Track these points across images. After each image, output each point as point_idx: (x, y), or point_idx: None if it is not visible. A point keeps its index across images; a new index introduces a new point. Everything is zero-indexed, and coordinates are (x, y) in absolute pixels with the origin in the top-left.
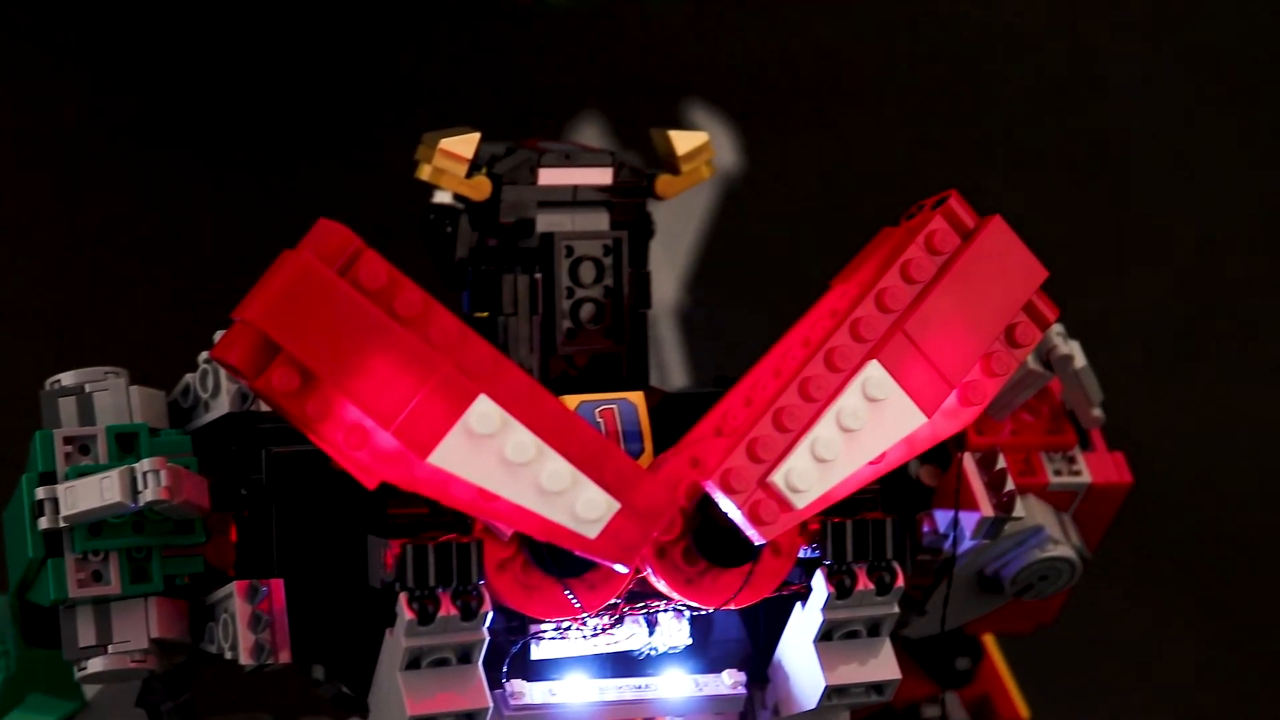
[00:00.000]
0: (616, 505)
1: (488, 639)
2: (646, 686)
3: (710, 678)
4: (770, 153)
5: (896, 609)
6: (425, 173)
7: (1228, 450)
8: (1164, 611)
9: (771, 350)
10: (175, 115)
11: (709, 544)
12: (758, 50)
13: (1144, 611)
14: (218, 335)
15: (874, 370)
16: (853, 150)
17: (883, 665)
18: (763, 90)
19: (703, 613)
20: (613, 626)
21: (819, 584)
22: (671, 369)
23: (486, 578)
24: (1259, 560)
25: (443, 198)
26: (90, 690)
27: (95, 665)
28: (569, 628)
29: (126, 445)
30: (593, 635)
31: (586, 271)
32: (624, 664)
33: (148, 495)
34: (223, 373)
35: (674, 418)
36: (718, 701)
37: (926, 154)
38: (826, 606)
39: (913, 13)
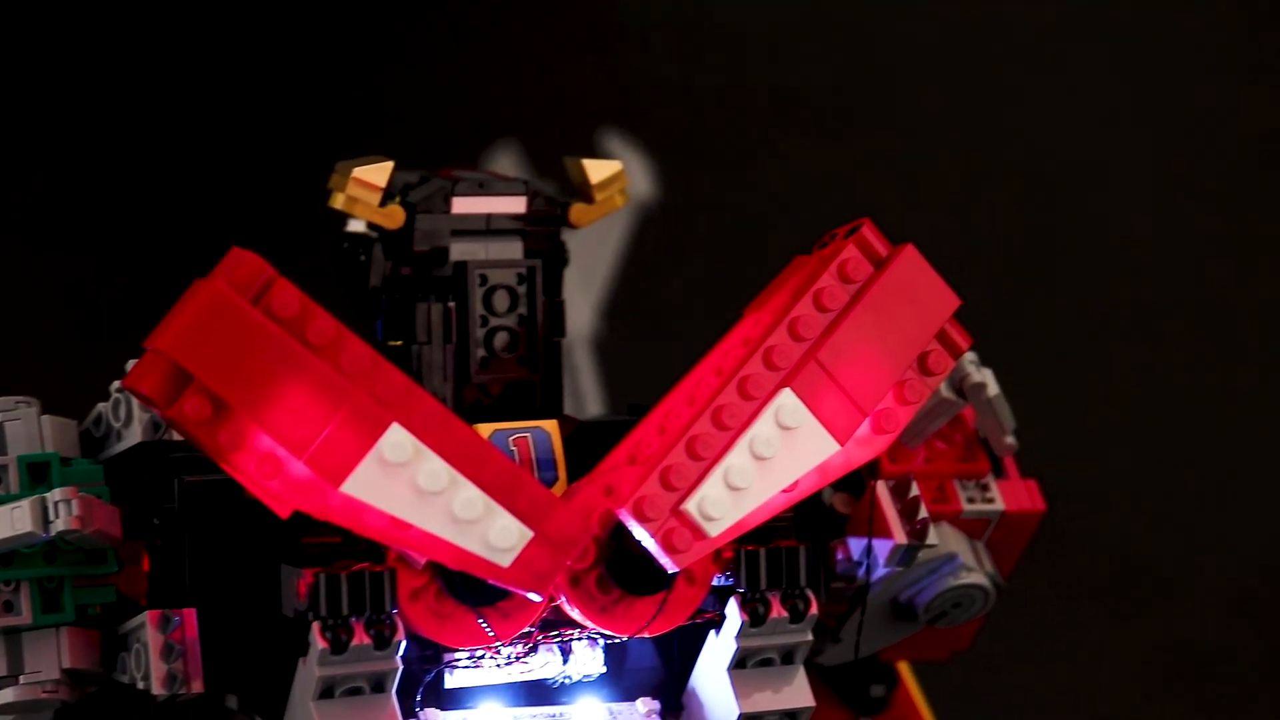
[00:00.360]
0: (529, 534)
1: (401, 668)
2: (561, 715)
3: (624, 706)
4: (685, 181)
5: (810, 636)
6: (338, 201)
7: (1140, 476)
8: (1078, 638)
9: (685, 378)
10: (85, 140)
11: (623, 572)
12: (673, 80)
13: (1058, 638)
14: (130, 364)
15: (787, 398)
16: (766, 178)
17: (797, 693)
18: (678, 119)
19: (617, 641)
20: (527, 655)
21: (733, 612)
22: (587, 397)
23: (400, 606)
24: (1173, 585)
25: (356, 226)
26: None
27: (6, 696)
28: (483, 656)
29: (38, 475)
30: (507, 664)
31: (500, 300)
32: (538, 692)
33: (59, 525)
34: (135, 402)
35: (588, 446)
36: None
37: (840, 182)
38: (740, 634)
39: (827, 43)
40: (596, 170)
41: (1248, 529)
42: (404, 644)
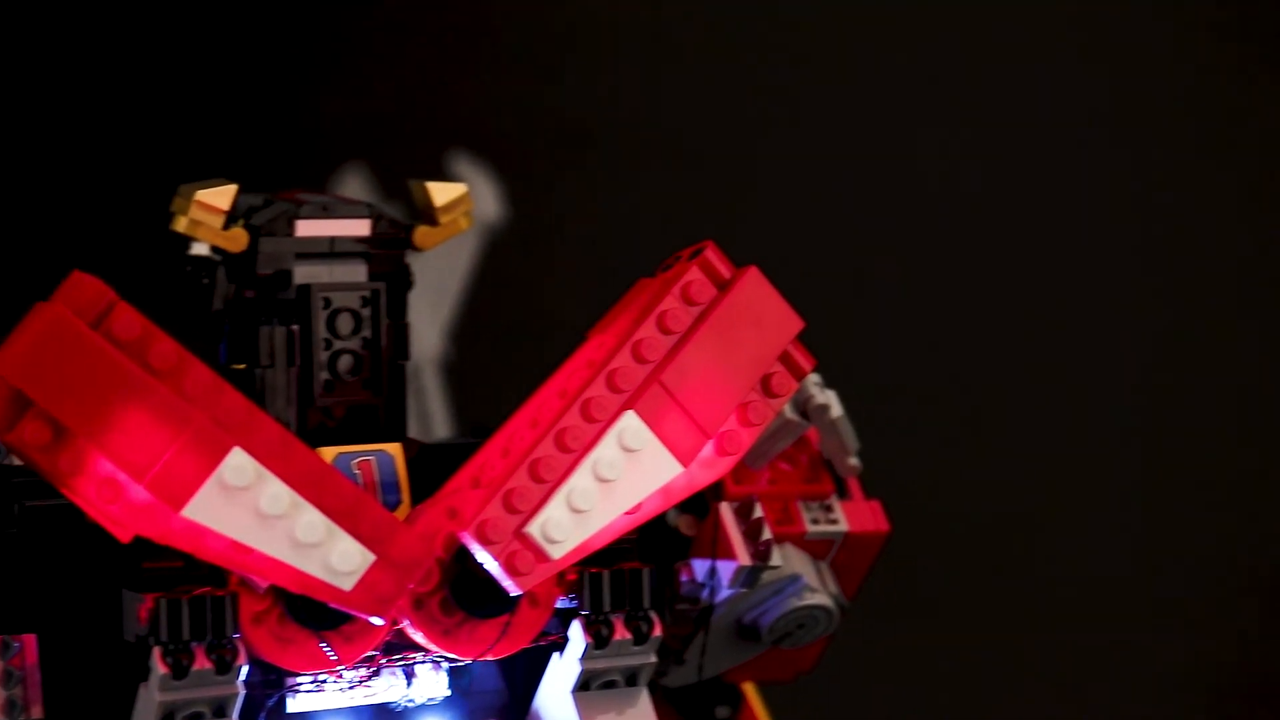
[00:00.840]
0: (372, 557)
1: (243, 692)
2: None
3: None
4: (533, 204)
5: (654, 658)
6: (181, 224)
7: (985, 495)
8: (924, 657)
9: (529, 401)
10: None
11: (466, 595)
12: (522, 102)
13: (903, 658)
14: None
15: (630, 421)
16: (614, 201)
17: (640, 714)
18: (527, 142)
19: (461, 664)
20: (370, 678)
21: (576, 634)
22: (435, 420)
23: (242, 631)
24: (1019, 603)
25: (200, 249)
26: None
27: None
28: (326, 680)
29: None
30: (350, 687)
31: (344, 323)
32: (382, 716)
33: None
34: None
35: (432, 469)
36: None
37: (686, 205)
38: (584, 657)
39: (675, 66)
40: (441, 193)
41: (1087, 544)
42: (246, 668)
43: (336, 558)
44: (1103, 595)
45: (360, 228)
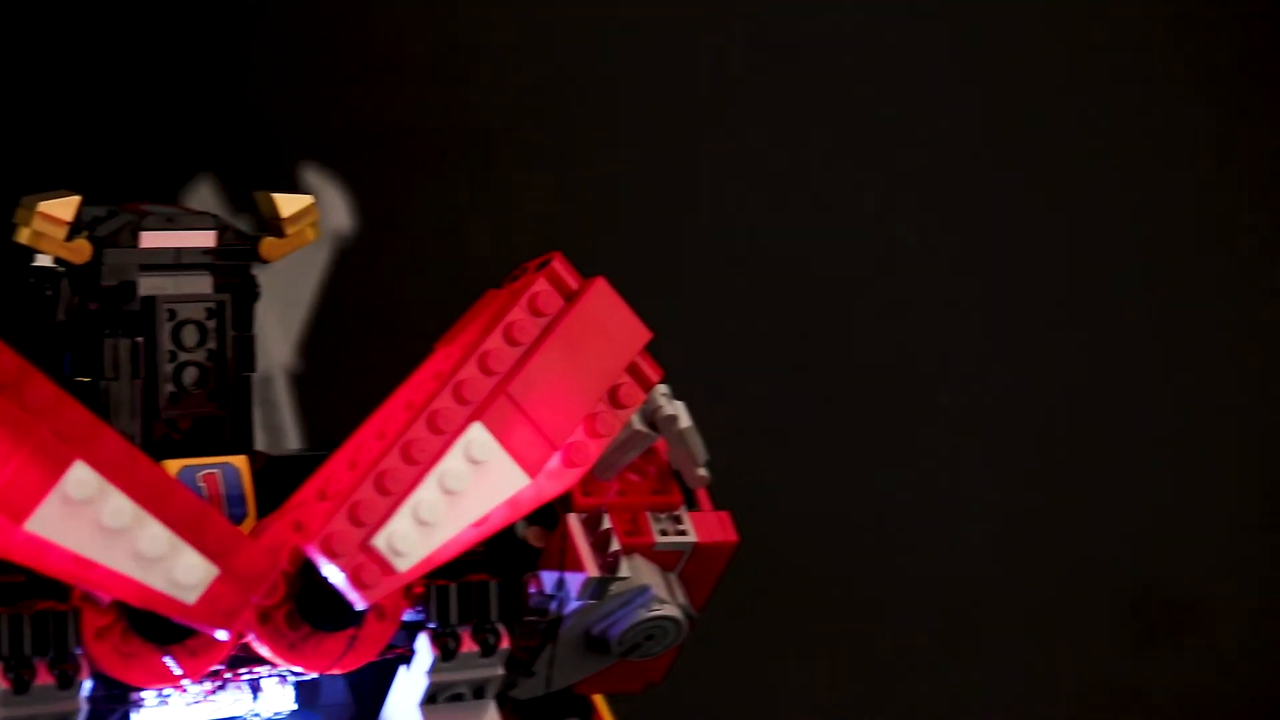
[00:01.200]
0: (216, 571)
1: (86, 708)
2: None
3: None
4: (383, 214)
5: (501, 670)
6: (24, 236)
7: (834, 505)
8: (773, 668)
9: (376, 413)
10: None
11: (311, 608)
12: (371, 112)
13: (753, 668)
14: None
15: (477, 432)
16: (463, 212)
17: None
18: (376, 152)
19: (307, 677)
20: (215, 693)
21: (423, 647)
22: (286, 432)
23: (84, 646)
24: (871, 613)
25: (43, 261)
26: None
27: None
28: (170, 695)
29: None
30: (195, 702)
31: (189, 335)
32: None
33: None
34: None
35: (279, 481)
36: None
37: (535, 217)
38: (431, 670)
39: (524, 75)
40: (287, 204)
41: (942, 552)
42: (89, 684)
43: (180, 571)
44: (957, 603)
45: (205, 239)
